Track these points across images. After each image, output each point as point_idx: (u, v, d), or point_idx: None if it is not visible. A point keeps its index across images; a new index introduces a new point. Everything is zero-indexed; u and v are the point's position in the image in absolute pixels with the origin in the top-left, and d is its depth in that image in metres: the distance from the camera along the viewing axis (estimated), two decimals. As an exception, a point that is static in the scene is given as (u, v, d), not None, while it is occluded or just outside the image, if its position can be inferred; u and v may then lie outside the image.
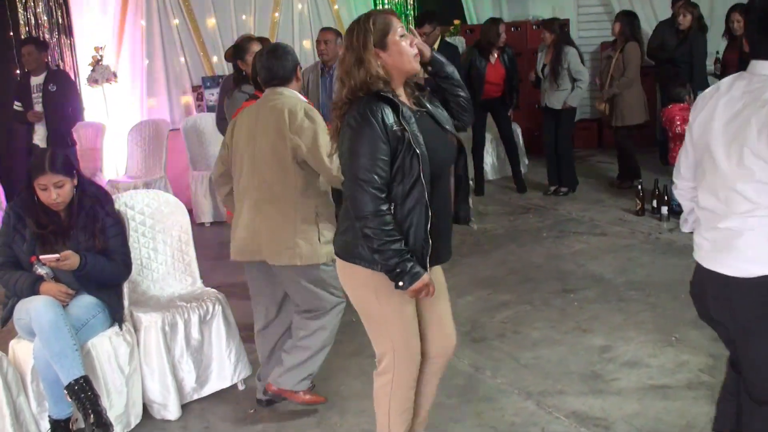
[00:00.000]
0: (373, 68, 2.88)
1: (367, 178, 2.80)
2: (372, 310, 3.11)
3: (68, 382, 3.53)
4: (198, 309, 4.25)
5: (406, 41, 2.93)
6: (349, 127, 2.86)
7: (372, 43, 2.89)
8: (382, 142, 2.81)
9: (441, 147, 2.98)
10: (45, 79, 7.44)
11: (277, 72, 3.83)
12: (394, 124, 2.83)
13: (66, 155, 3.89)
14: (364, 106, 2.84)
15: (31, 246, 3.76)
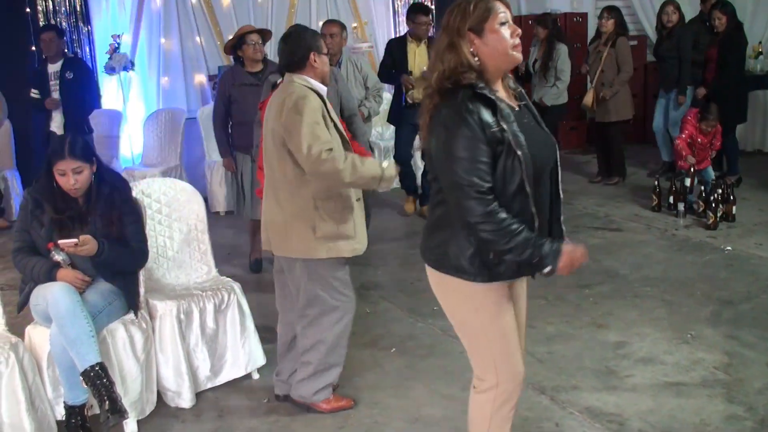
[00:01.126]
0: (464, 55, 2.62)
1: (468, 182, 2.53)
2: (472, 325, 2.84)
3: (84, 369, 3.54)
4: (213, 298, 4.26)
5: (506, 30, 2.63)
6: (443, 127, 2.60)
7: (467, 28, 2.62)
8: (482, 143, 2.53)
9: (542, 146, 2.70)
10: (62, 66, 7.47)
11: (287, 58, 3.79)
12: (493, 124, 2.55)
13: (86, 141, 3.90)
14: (459, 104, 2.57)
15: (49, 232, 3.77)
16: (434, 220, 2.80)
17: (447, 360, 4.49)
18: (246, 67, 5.98)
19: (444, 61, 2.64)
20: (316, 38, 3.80)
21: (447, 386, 4.19)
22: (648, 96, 10.41)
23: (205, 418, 4.04)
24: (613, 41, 8.06)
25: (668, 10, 8.18)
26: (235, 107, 5.98)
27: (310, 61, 3.73)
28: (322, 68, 3.78)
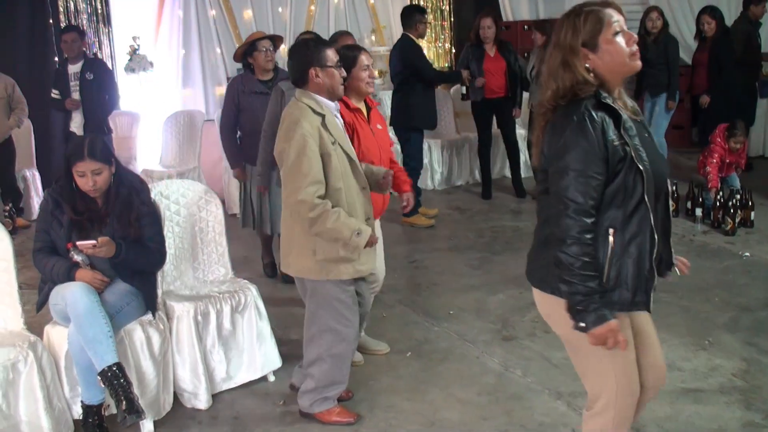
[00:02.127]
0: (579, 73, 2.52)
1: (575, 198, 2.45)
2: (584, 348, 2.67)
3: (101, 368, 3.56)
4: (230, 299, 4.27)
5: (622, 38, 2.53)
6: (560, 136, 2.49)
7: (579, 44, 2.53)
8: (598, 158, 2.44)
9: (660, 161, 2.61)
10: (82, 67, 7.51)
11: (291, 74, 3.78)
12: (615, 137, 2.46)
13: (105, 142, 3.93)
14: (581, 113, 2.46)
15: (68, 232, 3.79)
16: (541, 238, 2.70)
17: (463, 364, 4.49)
18: (256, 75, 5.78)
19: (558, 79, 2.55)
20: (319, 51, 3.67)
21: (463, 390, 4.19)
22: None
23: (221, 419, 4.05)
24: None
25: (652, 16, 8.23)
26: (244, 116, 5.78)
27: (310, 76, 3.65)
28: (328, 82, 3.66)
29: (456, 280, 5.79)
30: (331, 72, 3.66)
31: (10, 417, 3.61)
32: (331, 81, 3.66)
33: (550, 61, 2.60)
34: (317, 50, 3.67)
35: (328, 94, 3.69)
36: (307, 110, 3.58)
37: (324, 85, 3.66)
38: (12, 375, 3.61)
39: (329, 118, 3.61)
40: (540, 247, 2.71)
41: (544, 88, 2.61)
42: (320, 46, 3.72)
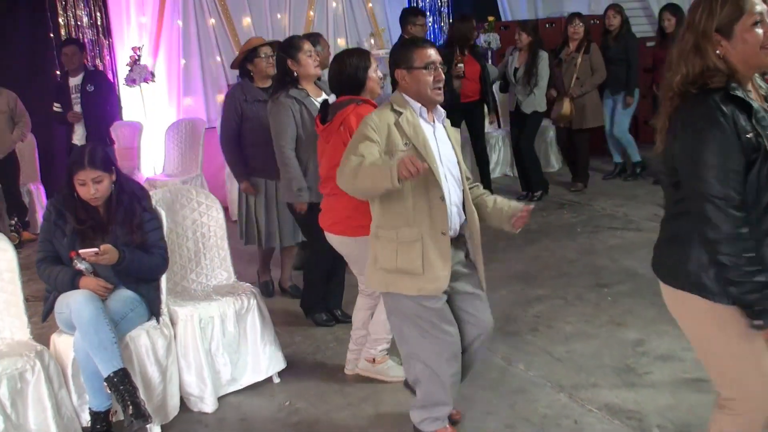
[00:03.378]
0: (710, 59, 2.39)
1: (720, 194, 2.32)
2: (718, 348, 2.59)
3: (107, 375, 3.60)
4: (233, 303, 4.32)
5: (760, 29, 2.38)
6: (692, 131, 2.38)
7: (713, 29, 2.39)
8: (736, 150, 2.33)
9: None
10: (83, 79, 7.59)
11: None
12: (749, 129, 2.33)
13: (105, 151, 3.97)
14: (711, 106, 2.34)
15: (71, 241, 3.84)
16: (673, 232, 2.59)
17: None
18: (255, 83, 5.53)
19: (688, 63, 2.42)
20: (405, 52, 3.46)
21: (467, 386, 4.12)
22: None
23: (227, 422, 4.09)
24: (585, 47, 8.09)
25: (609, 14, 8.36)
26: (248, 126, 5.44)
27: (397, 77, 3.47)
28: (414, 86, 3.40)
29: (459, 278, 5.83)
30: (416, 74, 3.38)
31: (19, 426, 3.65)
32: (416, 85, 3.39)
33: (681, 44, 2.48)
34: (403, 51, 3.45)
35: (416, 96, 3.40)
36: (386, 107, 3.41)
37: (410, 88, 3.40)
38: (20, 384, 3.66)
39: (409, 117, 3.35)
40: (670, 242, 2.61)
41: (673, 71, 2.48)
42: (408, 46, 3.48)
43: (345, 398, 4.21)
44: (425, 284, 3.32)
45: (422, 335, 3.39)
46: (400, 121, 3.32)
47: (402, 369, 4.15)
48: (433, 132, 3.41)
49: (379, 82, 4.19)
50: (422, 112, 3.39)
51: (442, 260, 3.32)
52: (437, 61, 3.38)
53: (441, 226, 3.32)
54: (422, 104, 3.39)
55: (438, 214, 3.31)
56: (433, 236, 3.30)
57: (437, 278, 3.32)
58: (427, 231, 3.31)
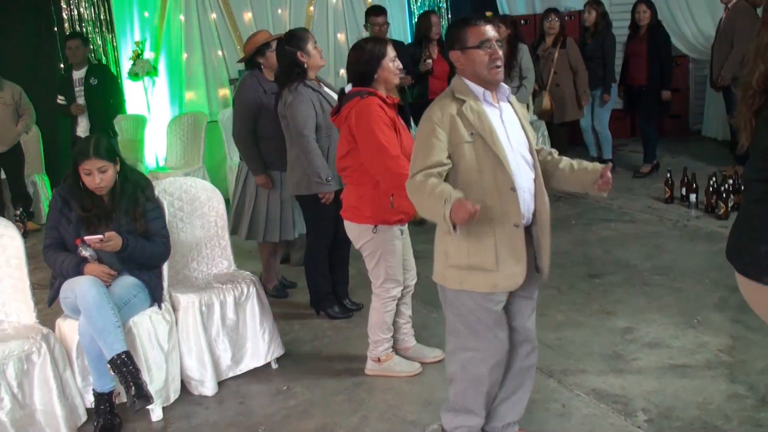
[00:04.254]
0: None
1: None
2: None
3: (111, 357, 3.74)
4: (233, 290, 4.45)
5: None
6: None
7: None
8: None
9: None
10: (86, 73, 7.71)
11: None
12: None
13: (109, 142, 4.10)
14: None
15: (77, 229, 3.97)
16: (754, 227, 2.54)
17: (459, 347, 4.65)
18: (264, 75, 5.46)
19: (766, 60, 2.39)
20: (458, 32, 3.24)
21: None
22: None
23: (227, 404, 4.23)
24: (561, 42, 8.19)
25: (551, 16, 8.40)
26: (266, 118, 5.29)
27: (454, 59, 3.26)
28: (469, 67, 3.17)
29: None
30: (471, 54, 3.14)
31: (25, 406, 3.80)
32: (472, 65, 3.15)
33: (758, 40, 2.43)
34: (455, 31, 3.22)
35: (474, 78, 3.17)
36: (447, 95, 3.19)
37: (466, 69, 3.17)
38: (26, 366, 3.80)
39: (472, 105, 3.12)
40: (753, 235, 2.53)
41: (750, 68, 2.44)
42: (460, 25, 3.23)
43: (340, 383, 4.34)
44: (500, 280, 3.14)
45: (473, 335, 3.26)
46: (464, 110, 3.10)
47: (409, 363, 4.41)
48: (499, 115, 3.17)
49: (396, 73, 4.13)
50: (486, 96, 3.15)
51: (516, 254, 3.13)
52: (493, 38, 3.12)
53: (514, 218, 3.11)
54: (483, 87, 3.16)
55: (510, 205, 3.10)
56: (505, 229, 3.11)
57: (512, 274, 3.14)
58: (499, 224, 3.10)
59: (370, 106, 4.01)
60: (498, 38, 3.14)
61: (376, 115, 3.99)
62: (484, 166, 3.07)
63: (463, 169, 3.08)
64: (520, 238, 3.13)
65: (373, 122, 3.98)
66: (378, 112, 4.00)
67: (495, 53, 3.10)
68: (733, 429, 3.58)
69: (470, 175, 3.08)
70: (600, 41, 8.41)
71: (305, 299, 5.54)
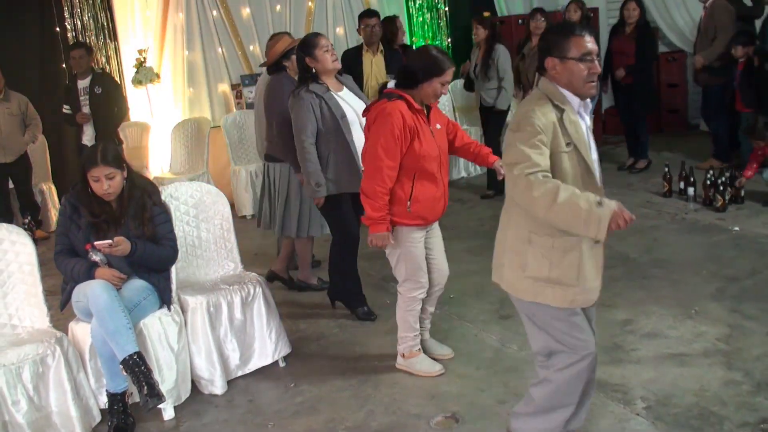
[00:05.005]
0: None
1: None
2: None
3: (123, 358, 3.85)
4: (240, 291, 4.56)
5: None
6: None
7: None
8: None
9: None
10: (91, 81, 7.84)
11: None
12: None
13: (116, 149, 4.22)
14: None
15: (86, 234, 4.09)
16: None
17: (462, 343, 4.76)
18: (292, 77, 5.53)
19: None
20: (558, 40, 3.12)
21: (462, 366, 4.45)
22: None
23: (236, 402, 4.34)
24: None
25: (570, 8, 8.54)
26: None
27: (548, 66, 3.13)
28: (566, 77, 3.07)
29: (457, 266, 5.97)
30: (570, 65, 3.04)
31: (41, 408, 3.91)
32: (569, 76, 3.05)
33: None
34: (557, 38, 3.09)
35: (568, 87, 3.08)
36: (544, 100, 3.07)
37: (560, 78, 3.07)
38: (41, 369, 3.92)
39: (571, 115, 3.05)
40: None
41: None
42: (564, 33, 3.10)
43: (346, 380, 4.44)
44: (577, 295, 3.10)
45: (560, 338, 3.18)
46: (563, 119, 3.03)
47: (431, 365, 4.42)
48: (585, 128, 3.13)
49: (437, 95, 4.07)
50: (581, 108, 3.10)
51: (596, 269, 3.12)
52: (594, 51, 3.04)
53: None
54: (579, 96, 3.09)
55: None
56: (589, 244, 3.05)
57: (591, 289, 3.13)
58: (585, 239, 3.02)
59: (391, 115, 4.00)
60: (597, 52, 3.07)
61: (390, 124, 3.98)
62: (577, 177, 3.03)
63: (557, 177, 2.97)
64: (600, 252, 3.13)
65: (382, 131, 4.01)
66: (394, 122, 3.97)
67: (594, 68, 3.03)
68: (729, 414, 3.68)
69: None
70: None
71: (311, 299, 5.68)
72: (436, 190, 4.18)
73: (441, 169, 4.20)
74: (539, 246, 3.09)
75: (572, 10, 8.56)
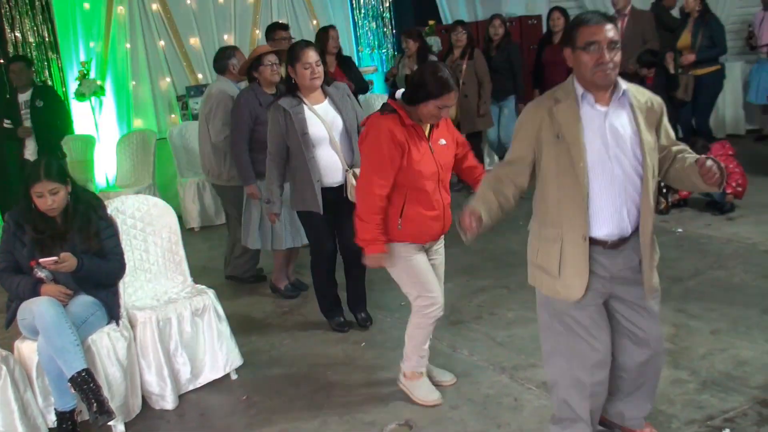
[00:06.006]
0: None
1: None
2: None
3: (71, 375, 3.79)
4: (190, 305, 4.52)
5: None
6: None
7: None
8: None
9: None
10: (32, 95, 7.68)
11: None
12: None
13: (60, 163, 4.17)
14: None
15: (31, 251, 4.02)
16: None
17: (414, 349, 4.77)
18: (262, 88, 5.60)
19: None
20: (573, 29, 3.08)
21: (414, 373, 4.47)
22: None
23: (188, 417, 4.30)
24: (469, 53, 8.34)
25: (495, 23, 8.62)
26: (260, 130, 5.37)
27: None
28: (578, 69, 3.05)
29: (407, 273, 6.06)
30: (577, 55, 3.01)
31: (-13, 428, 3.83)
32: (578, 67, 3.02)
33: None
34: (569, 30, 3.08)
35: (581, 79, 3.05)
36: (551, 93, 3.13)
37: (575, 69, 3.05)
38: (-14, 389, 3.83)
39: (566, 106, 3.03)
40: None
41: None
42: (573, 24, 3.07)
43: (299, 390, 4.43)
44: (561, 289, 3.12)
45: (566, 336, 3.19)
46: (555, 109, 3.03)
47: (430, 392, 4.14)
48: (603, 120, 3.02)
49: (434, 115, 3.81)
50: (585, 97, 3.03)
51: (580, 268, 3.07)
52: (602, 40, 2.93)
53: (582, 230, 3.04)
54: (586, 88, 3.03)
55: (580, 216, 3.03)
56: (572, 240, 3.06)
57: (571, 285, 3.10)
58: (567, 233, 3.06)
59: (379, 131, 3.81)
60: (613, 40, 2.95)
61: (378, 141, 3.81)
62: (563, 170, 3.02)
63: (543, 168, 3.08)
64: (585, 251, 3.05)
65: (371, 148, 3.84)
66: (382, 138, 3.79)
67: (602, 56, 2.93)
68: (676, 412, 3.75)
69: (549, 176, 3.07)
70: (505, 54, 8.57)
71: (263, 310, 5.66)
72: (430, 209, 3.91)
73: (439, 187, 3.94)
74: (533, 232, 3.22)
75: (497, 25, 8.59)
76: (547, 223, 3.13)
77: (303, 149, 4.74)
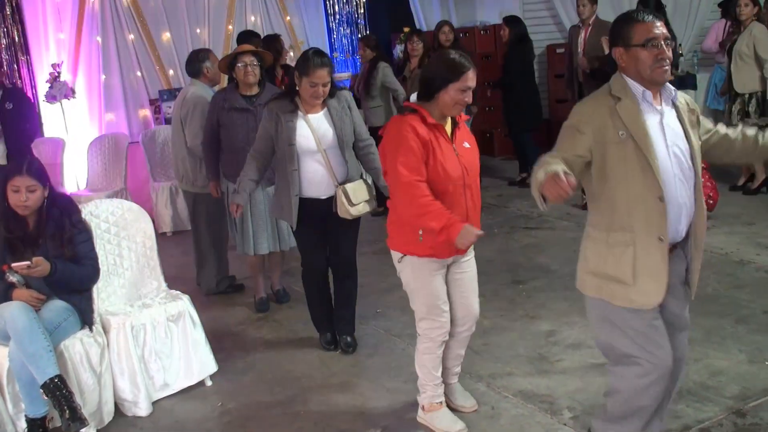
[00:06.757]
0: None
1: None
2: None
3: (43, 381, 3.73)
4: (164, 310, 4.47)
5: None
6: None
7: None
8: None
9: None
10: (1, 97, 7.59)
11: None
12: None
13: (42, 165, 4.14)
14: None
15: (2, 255, 3.96)
16: None
17: (390, 357, 4.77)
18: (240, 90, 5.53)
19: None
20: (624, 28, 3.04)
21: (391, 380, 4.46)
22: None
23: (161, 424, 4.24)
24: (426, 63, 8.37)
25: (445, 29, 8.59)
26: (224, 133, 5.51)
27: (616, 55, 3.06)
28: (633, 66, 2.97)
29: (382, 280, 6.03)
30: (634, 53, 2.95)
31: (-45, 436, 3.76)
32: (635, 64, 2.96)
33: None
34: (620, 27, 3.01)
35: (636, 77, 2.98)
36: (603, 91, 3.04)
37: (629, 68, 2.98)
38: (-44, 395, 3.76)
39: (628, 104, 2.96)
40: None
41: None
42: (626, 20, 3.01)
43: (274, 397, 4.40)
44: (635, 296, 2.97)
45: (631, 345, 3.05)
46: (617, 107, 2.95)
47: (453, 422, 3.88)
48: (660, 119, 2.98)
49: (457, 103, 3.57)
50: (645, 95, 2.96)
51: (657, 271, 2.95)
52: (660, 36, 2.90)
53: (658, 231, 2.93)
54: (644, 86, 2.97)
55: (655, 217, 2.92)
56: (647, 242, 2.93)
57: (648, 292, 2.97)
58: (641, 236, 2.93)
59: (401, 128, 3.55)
60: (667, 36, 2.93)
61: (404, 138, 3.53)
62: (632, 170, 2.91)
63: (609, 170, 2.94)
64: (662, 253, 2.94)
65: (398, 147, 3.55)
66: (407, 134, 3.52)
67: (662, 52, 2.90)
68: (652, 421, 3.76)
69: (616, 178, 2.93)
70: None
71: (237, 316, 5.61)
72: None
73: (466, 192, 3.70)
74: (596, 240, 3.05)
75: (447, 31, 8.55)
76: (614, 228, 2.96)
77: (285, 159, 4.62)
